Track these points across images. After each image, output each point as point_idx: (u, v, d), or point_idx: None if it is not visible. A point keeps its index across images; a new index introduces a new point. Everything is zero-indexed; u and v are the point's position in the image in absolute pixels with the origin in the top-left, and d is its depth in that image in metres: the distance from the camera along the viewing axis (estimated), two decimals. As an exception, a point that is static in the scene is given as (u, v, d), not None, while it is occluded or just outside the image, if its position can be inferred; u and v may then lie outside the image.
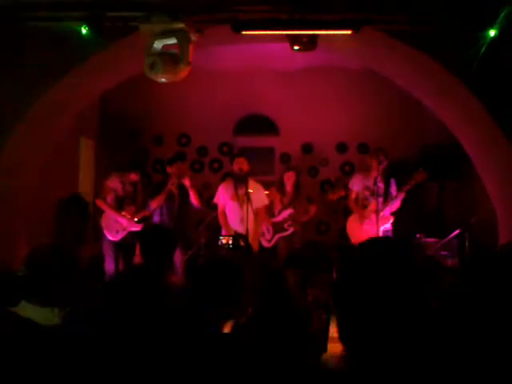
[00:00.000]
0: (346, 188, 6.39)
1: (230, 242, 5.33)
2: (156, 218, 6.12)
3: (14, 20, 4.55)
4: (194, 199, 6.05)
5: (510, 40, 4.69)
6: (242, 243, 5.48)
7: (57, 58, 4.97)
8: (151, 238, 3.18)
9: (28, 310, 2.15)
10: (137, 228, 6.07)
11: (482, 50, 4.77)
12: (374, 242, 1.43)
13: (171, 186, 5.98)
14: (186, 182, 6.00)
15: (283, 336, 2.05)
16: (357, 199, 6.23)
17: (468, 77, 5.22)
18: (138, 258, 5.58)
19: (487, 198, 6.03)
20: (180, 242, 6.09)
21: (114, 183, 6.20)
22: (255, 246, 5.89)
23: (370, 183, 6.09)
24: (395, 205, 6.06)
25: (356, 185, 6.26)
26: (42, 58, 4.92)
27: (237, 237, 5.49)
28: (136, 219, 6.14)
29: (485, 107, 5.38)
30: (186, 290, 2.70)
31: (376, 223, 5.92)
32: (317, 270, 3.56)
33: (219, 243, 5.43)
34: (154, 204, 6.04)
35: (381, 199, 6.06)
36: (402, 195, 6.00)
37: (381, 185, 6.09)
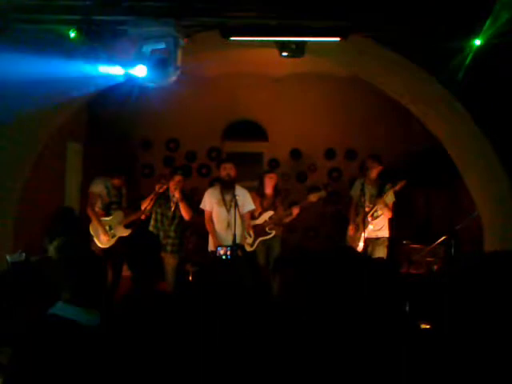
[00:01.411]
0: (331, 193, 6.50)
1: (228, 252, 5.31)
2: (150, 223, 6.12)
3: (1, 23, 4.53)
4: (184, 212, 6.05)
5: (495, 49, 4.74)
6: (239, 254, 5.46)
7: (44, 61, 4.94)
8: (134, 245, 3.16)
9: (69, 311, 2.26)
10: (126, 233, 6.05)
11: (468, 58, 4.82)
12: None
13: (158, 189, 5.98)
14: (176, 194, 6.01)
15: (271, 341, 2.05)
16: (356, 206, 6.30)
17: (454, 85, 5.27)
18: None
19: (473, 204, 6.09)
20: (173, 247, 6.10)
21: (98, 188, 6.17)
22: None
23: (365, 189, 6.20)
24: (387, 212, 6.10)
25: (354, 191, 6.36)
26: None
27: (234, 247, 5.47)
28: (124, 224, 6.13)
29: (471, 115, 5.44)
30: (178, 296, 2.70)
31: (362, 229, 5.99)
32: (304, 276, 3.55)
33: (217, 254, 5.40)
34: (144, 205, 6.05)
35: (370, 206, 6.14)
36: (381, 201, 6.06)
37: (374, 192, 6.16)
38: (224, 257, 5.20)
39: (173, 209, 6.11)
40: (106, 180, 6.21)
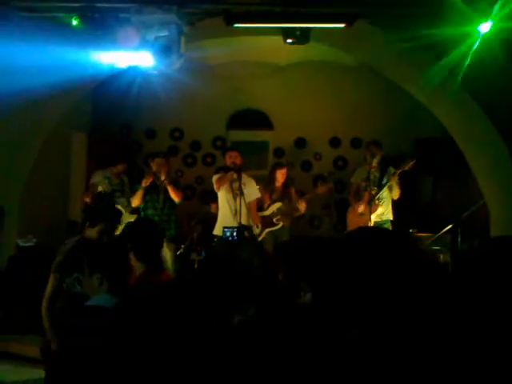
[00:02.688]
0: (335, 182, 6.53)
1: (235, 233, 5.28)
2: (142, 214, 6.11)
3: (2, 10, 4.50)
4: (173, 195, 6.02)
5: (502, 35, 4.67)
6: (246, 235, 5.45)
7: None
8: (135, 231, 3.15)
9: (110, 302, 2.31)
10: (132, 219, 6.08)
11: (475, 44, 4.75)
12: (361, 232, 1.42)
13: (145, 183, 5.94)
14: (162, 178, 5.97)
15: (283, 330, 2.02)
16: (357, 192, 6.30)
17: (460, 72, 5.21)
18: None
19: (480, 192, 6.05)
20: (170, 231, 6.08)
21: (97, 179, 6.24)
22: None
23: (371, 175, 6.19)
24: (395, 192, 6.10)
25: (355, 178, 6.35)
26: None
27: (241, 228, 5.44)
28: (130, 210, 6.15)
29: (477, 102, 5.39)
30: (182, 285, 2.68)
31: (369, 213, 6.00)
32: (308, 264, 3.53)
33: (223, 235, 5.38)
34: (134, 202, 6.03)
35: (375, 190, 6.15)
36: (391, 180, 6.05)
37: (377, 174, 6.17)
38: (230, 238, 5.19)
39: (161, 193, 6.06)
40: (104, 172, 6.27)
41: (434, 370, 1.23)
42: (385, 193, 6.12)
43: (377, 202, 6.11)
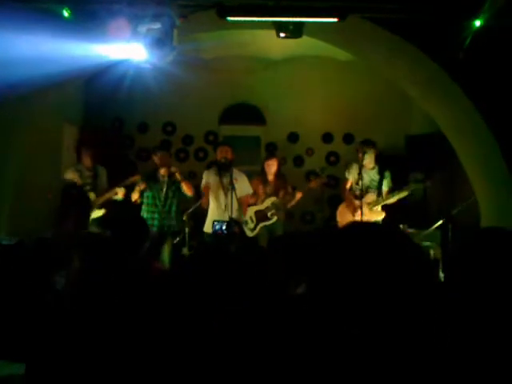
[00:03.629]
0: (327, 176, 6.56)
1: (224, 227, 5.27)
2: (142, 208, 6.05)
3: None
4: (187, 190, 5.96)
5: (495, 30, 4.69)
6: (236, 229, 5.45)
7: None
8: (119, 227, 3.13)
9: None
10: (99, 214, 6.05)
11: (468, 40, 4.77)
12: (356, 227, 1.41)
13: (139, 187, 5.91)
14: (177, 176, 5.91)
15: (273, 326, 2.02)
16: (351, 189, 6.29)
17: (453, 67, 5.23)
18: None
19: (471, 188, 6.07)
20: (170, 228, 6.06)
21: (69, 175, 6.24)
22: None
23: (363, 174, 6.19)
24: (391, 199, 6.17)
25: (351, 175, 6.34)
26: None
27: (231, 223, 5.43)
28: (97, 205, 6.11)
29: (469, 98, 5.40)
30: (176, 279, 2.67)
31: (361, 215, 5.99)
32: (301, 259, 3.53)
33: (212, 229, 5.36)
34: (133, 197, 5.96)
35: (373, 192, 6.15)
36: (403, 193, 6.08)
37: (374, 177, 6.18)
38: (219, 231, 5.19)
39: (164, 190, 5.99)
40: (76, 165, 6.30)
41: (432, 367, 1.23)
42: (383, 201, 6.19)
43: (379, 209, 6.17)
